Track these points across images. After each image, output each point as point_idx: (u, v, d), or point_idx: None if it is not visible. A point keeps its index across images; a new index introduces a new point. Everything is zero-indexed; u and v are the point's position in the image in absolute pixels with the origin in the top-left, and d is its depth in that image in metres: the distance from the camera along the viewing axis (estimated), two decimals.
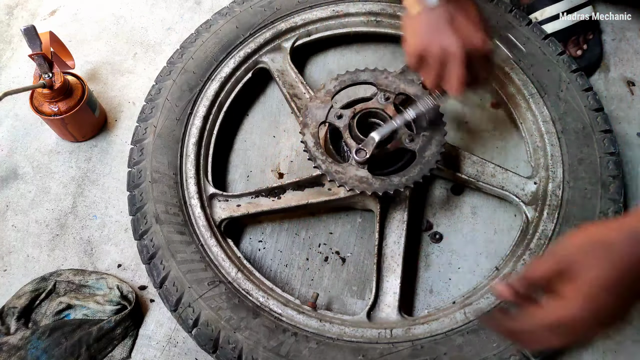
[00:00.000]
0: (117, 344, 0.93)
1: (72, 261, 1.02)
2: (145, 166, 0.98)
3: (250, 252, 1.03)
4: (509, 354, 0.84)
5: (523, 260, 0.92)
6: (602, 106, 1.05)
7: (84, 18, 1.29)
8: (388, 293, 0.93)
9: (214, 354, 0.85)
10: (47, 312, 0.94)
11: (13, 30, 1.28)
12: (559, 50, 1.10)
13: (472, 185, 1.04)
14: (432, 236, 1.04)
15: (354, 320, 0.90)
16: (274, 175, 1.11)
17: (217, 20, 1.13)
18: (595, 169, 0.99)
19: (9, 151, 1.13)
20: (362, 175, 0.92)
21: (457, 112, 1.16)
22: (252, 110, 1.18)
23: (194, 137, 1.03)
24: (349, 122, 0.95)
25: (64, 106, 1.03)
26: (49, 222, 1.06)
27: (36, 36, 0.98)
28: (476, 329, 0.87)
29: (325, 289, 1.00)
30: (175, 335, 0.95)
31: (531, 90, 1.07)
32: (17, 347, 0.89)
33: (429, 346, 0.85)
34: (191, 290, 0.88)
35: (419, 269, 1.02)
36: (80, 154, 1.12)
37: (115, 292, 0.95)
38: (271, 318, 0.87)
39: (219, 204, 0.99)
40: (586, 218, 0.95)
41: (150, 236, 0.93)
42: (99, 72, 1.22)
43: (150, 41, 1.26)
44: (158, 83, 1.07)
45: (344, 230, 1.05)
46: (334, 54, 1.24)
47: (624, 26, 1.28)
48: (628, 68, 1.23)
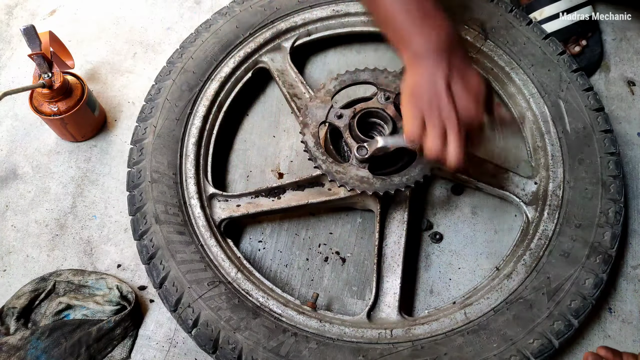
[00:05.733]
0: (117, 344, 0.93)
1: (71, 261, 1.02)
2: (145, 166, 0.98)
3: (250, 252, 1.03)
4: (509, 354, 0.84)
5: (523, 261, 0.92)
6: (603, 106, 1.05)
7: (84, 18, 1.29)
8: (388, 293, 0.92)
9: (214, 354, 0.85)
10: (47, 312, 0.94)
11: (12, 30, 1.28)
12: (559, 50, 1.09)
13: (473, 185, 1.04)
14: (433, 236, 1.04)
15: (354, 320, 0.90)
16: (273, 175, 1.10)
17: (216, 20, 1.13)
18: (596, 169, 0.99)
19: (8, 151, 1.13)
20: (363, 175, 0.92)
21: None
22: (252, 110, 1.18)
23: (193, 137, 1.03)
24: (349, 122, 0.95)
25: (63, 106, 1.03)
26: (49, 222, 1.05)
27: (36, 36, 0.98)
28: (476, 329, 0.86)
29: (325, 289, 1.00)
30: (175, 336, 0.95)
31: (531, 90, 1.07)
32: (16, 347, 0.89)
33: (429, 346, 0.85)
34: (191, 290, 0.88)
35: (419, 269, 1.02)
36: (80, 154, 1.12)
37: (114, 292, 0.95)
38: (271, 318, 0.87)
39: (218, 204, 0.99)
40: (587, 218, 0.95)
41: (149, 236, 0.92)
42: (98, 72, 1.22)
43: (150, 41, 1.26)
44: (158, 83, 1.07)
45: (344, 230, 1.05)
46: (334, 53, 1.24)
47: (624, 26, 1.28)
48: (628, 68, 1.23)
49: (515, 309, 0.88)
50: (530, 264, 0.92)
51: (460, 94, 0.76)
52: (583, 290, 0.89)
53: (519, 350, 0.84)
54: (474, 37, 1.11)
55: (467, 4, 1.14)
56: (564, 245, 0.93)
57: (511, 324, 0.87)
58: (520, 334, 0.85)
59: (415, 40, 0.77)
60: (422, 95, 0.77)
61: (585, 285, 0.89)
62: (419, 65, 0.78)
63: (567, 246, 0.93)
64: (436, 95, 0.76)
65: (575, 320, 0.87)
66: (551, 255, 0.92)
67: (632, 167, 1.11)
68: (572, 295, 0.88)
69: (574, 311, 0.87)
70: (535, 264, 0.92)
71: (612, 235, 0.93)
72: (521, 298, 0.89)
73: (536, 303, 0.88)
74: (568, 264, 0.91)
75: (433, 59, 0.77)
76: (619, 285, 1.00)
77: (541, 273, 0.91)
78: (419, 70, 0.78)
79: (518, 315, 0.87)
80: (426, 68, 0.77)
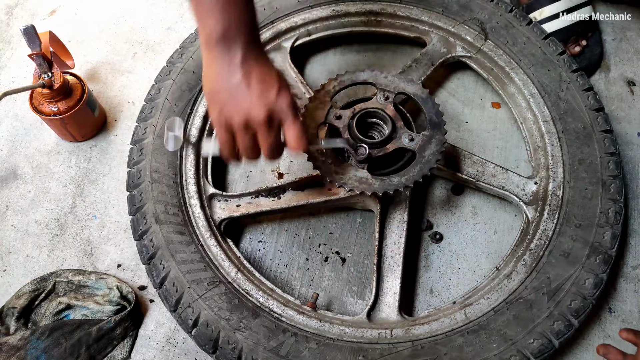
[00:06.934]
0: (117, 344, 0.93)
1: (71, 261, 1.02)
2: (145, 166, 0.98)
3: (250, 252, 1.03)
4: (509, 354, 0.84)
5: (523, 261, 0.92)
6: (603, 106, 1.05)
7: (84, 18, 1.29)
8: (388, 293, 0.92)
9: (214, 354, 0.85)
10: (47, 312, 0.94)
11: (13, 30, 1.28)
12: (559, 50, 1.09)
13: (472, 185, 1.04)
14: (433, 236, 1.04)
15: (354, 320, 0.90)
16: (273, 175, 1.10)
17: None
18: (596, 169, 0.99)
19: (8, 151, 1.13)
20: (362, 175, 0.92)
21: (457, 112, 1.16)
22: None
23: (193, 137, 1.03)
24: (349, 123, 0.95)
25: (63, 106, 1.03)
26: (49, 222, 1.05)
27: (36, 36, 0.98)
28: (476, 329, 0.86)
29: (325, 289, 1.00)
30: (175, 336, 0.95)
31: (531, 90, 1.06)
32: (16, 348, 0.89)
33: (429, 346, 0.85)
34: (191, 290, 0.88)
35: (419, 269, 1.02)
36: (80, 154, 1.12)
37: (114, 292, 0.95)
38: (271, 318, 0.87)
39: (218, 204, 0.99)
40: (587, 218, 0.95)
41: (149, 236, 0.92)
42: (98, 72, 1.22)
43: (150, 41, 1.26)
44: (158, 83, 1.07)
45: (344, 230, 1.05)
46: (334, 53, 1.24)
47: (625, 26, 1.28)
48: (628, 68, 1.23)
49: (515, 309, 0.88)
50: (530, 264, 0.92)
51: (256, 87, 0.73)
52: (583, 290, 0.89)
53: (519, 350, 0.84)
54: (474, 37, 1.11)
55: (467, 4, 1.14)
56: (564, 245, 0.93)
57: (511, 324, 0.86)
58: (520, 334, 0.85)
59: (213, 22, 0.71)
60: (227, 101, 0.74)
61: (585, 285, 0.89)
62: (213, 50, 0.73)
63: (567, 246, 0.93)
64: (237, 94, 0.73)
65: (575, 320, 0.87)
66: (551, 255, 0.92)
67: (632, 167, 1.11)
68: (572, 295, 0.88)
69: (574, 311, 0.87)
70: (535, 264, 0.92)
71: (612, 235, 0.93)
72: (521, 298, 0.89)
73: (536, 303, 0.88)
74: (568, 264, 0.91)
75: (229, 45, 0.72)
76: (619, 285, 1.00)
77: (541, 273, 0.91)
78: (215, 61, 0.74)
79: (518, 315, 0.87)
80: (222, 56, 0.73)
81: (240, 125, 0.75)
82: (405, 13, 1.14)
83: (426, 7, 1.14)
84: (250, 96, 0.73)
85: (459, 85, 1.20)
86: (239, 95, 0.73)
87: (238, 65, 0.73)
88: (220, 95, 0.75)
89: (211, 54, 0.74)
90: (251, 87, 0.73)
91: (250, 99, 0.73)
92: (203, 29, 0.73)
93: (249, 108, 0.73)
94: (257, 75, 0.74)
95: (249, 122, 0.74)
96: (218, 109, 0.76)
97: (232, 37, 0.72)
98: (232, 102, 0.74)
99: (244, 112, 0.74)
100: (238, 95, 0.74)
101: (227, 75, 0.74)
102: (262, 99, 0.73)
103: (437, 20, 1.13)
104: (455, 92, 1.19)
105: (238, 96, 0.74)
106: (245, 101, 0.73)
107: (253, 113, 0.73)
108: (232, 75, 0.73)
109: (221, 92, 0.74)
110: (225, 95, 0.74)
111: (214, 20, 0.71)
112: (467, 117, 1.16)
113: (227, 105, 0.74)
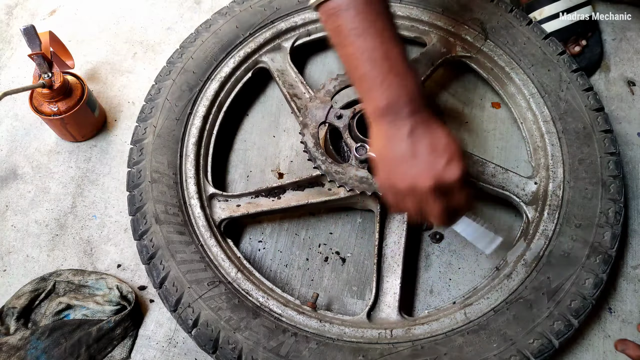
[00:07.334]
0: (117, 345, 0.93)
1: (71, 261, 1.02)
2: (145, 166, 0.98)
3: (250, 253, 1.03)
4: (509, 354, 0.84)
5: (523, 261, 0.92)
6: (603, 106, 1.05)
7: (84, 18, 1.29)
8: (388, 293, 0.92)
9: (214, 354, 0.85)
10: (47, 312, 0.94)
11: (13, 30, 1.28)
12: (559, 50, 1.09)
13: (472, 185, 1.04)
14: (433, 236, 1.04)
15: (354, 320, 0.90)
16: (273, 175, 1.10)
17: (216, 20, 1.13)
18: (596, 169, 0.99)
19: (8, 151, 1.13)
20: (362, 175, 0.92)
21: (457, 112, 1.16)
22: (252, 110, 1.18)
23: (193, 137, 1.03)
24: (349, 122, 0.95)
25: (63, 106, 1.03)
26: (49, 222, 1.05)
27: (36, 36, 0.98)
28: (476, 329, 0.86)
29: (325, 289, 1.00)
30: (175, 336, 0.95)
31: (531, 90, 1.06)
32: (16, 348, 0.89)
33: (429, 346, 0.85)
34: (191, 290, 0.88)
35: (419, 269, 1.02)
36: (80, 154, 1.12)
37: (114, 292, 0.95)
38: (271, 318, 0.87)
39: (218, 204, 0.99)
40: (587, 218, 0.95)
41: (149, 236, 0.92)
42: (98, 72, 1.22)
43: (150, 41, 1.26)
44: (158, 83, 1.07)
45: (344, 230, 1.05)
46: (334, 53, 1.23)
47: (624, 26, 1.28)
48: (628, 68, 1.23)
49: (515, 309, 0.88)
50: (530, 264, 0.92)
51: (425, 155, 0.72)
52: (583, 290, 0.89)
53: (519, 350, 0.84)
54: (474, 37, 1.11)
55: (467, 4, 1.14)
56: (564, 245, 0.93)
57: (511, 324, 0.86)
58: (520, 334, 0.85)
59: (377, 95, 0.73)
60: (393, 169, 0.74)
61: (585, 285, 0.89)
62: (381, 122, 0.74)
63: (567, 246, 0.93)
64: (402, 161, 0.73)
65: (575, 320, 0.87)
66: (551, 255, 0.92)
67: (632, 167, 1.11)
68: (572, 295, 0.88)
69: (574, 311, 0.87)
70: (535, 264, 0.92)
71: (612, 235, 0.93)
72: (521, 298, 0.89)
73: (536, 303, 0.88)
74: (568, 264, 0.91)
75: (395, 116, 0.73)
76: (619, 285, 1.00)
77: (541, 273, 0.91)
78: (382, 132, 0.75)
79: (518, 315, 0.87)
80: (389, 127, 0.74)
81: (406, 193, 0.74)
82: (405, 13, 1.14)
83: (426, 7, 1.14)
84: (417, 166, 0.73)
85: (459, 85, 1.20)
86: (406, 164, 0.73)
87: (405, 136, 0.73)
88: (388, 164, 0.75)
89: (378, 125, 0.75)
90: (418, 157, 0.72)
91: (418, 169, 0.72)
92: (368, 102, 0.75)
93: (415, 177, 0.72)
94: (425, 145, 0.73)
95: (415, 191, 0.73)
96: (385, 176, 0.76)
97: (398, 110, 0.72)
98: (399, 171, 0.74)
99: (410, 181, 0.73)
100: (405, 165, 0.73)
101: (394, 146, 0.73)
102: (429, 170, 0.72)
103: (437, 20, 1.13)
104: (455, 92, 1.19)
105: (405, 165, 0.73)
106: (412, 170, 0.73)
107: (420, 183, 0.72)
108: (399, 146, 0.73)
109: (389, 162, 0.75)
110: (392, 164, 0.74)
111: (379, 93, 0.72)
112: (467, 117, 1.16)
113: (394, 174, 0.74)
